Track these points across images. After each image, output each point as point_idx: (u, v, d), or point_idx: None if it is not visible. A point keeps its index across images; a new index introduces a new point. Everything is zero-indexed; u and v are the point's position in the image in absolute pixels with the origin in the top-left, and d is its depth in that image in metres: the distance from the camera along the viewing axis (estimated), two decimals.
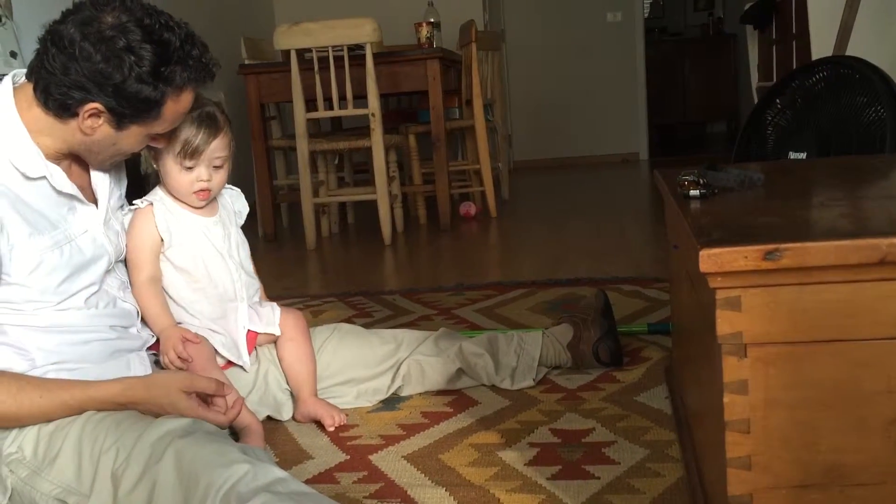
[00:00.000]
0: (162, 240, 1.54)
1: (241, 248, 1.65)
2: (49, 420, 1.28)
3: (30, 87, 1.31)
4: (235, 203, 1.69)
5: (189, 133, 1.49)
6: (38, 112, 1.31)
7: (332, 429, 1.62)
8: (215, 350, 1.59)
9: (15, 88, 1.34)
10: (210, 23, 4.75)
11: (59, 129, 1.32)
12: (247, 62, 4.15)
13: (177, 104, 1.35)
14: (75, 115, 1.29)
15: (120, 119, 1.31)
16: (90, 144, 1.34)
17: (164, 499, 1.12)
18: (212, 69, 1.37)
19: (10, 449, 1.28)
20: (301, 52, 3.68)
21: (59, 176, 1.35)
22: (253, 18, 5.64)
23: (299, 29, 3.60)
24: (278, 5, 5.99)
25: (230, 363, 1.62)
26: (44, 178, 1.33)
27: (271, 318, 1.67)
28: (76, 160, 1.42)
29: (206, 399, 1.38)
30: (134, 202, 1.55)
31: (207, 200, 1.58)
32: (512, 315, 2.36)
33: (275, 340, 1.68)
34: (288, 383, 1.68)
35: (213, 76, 1.39)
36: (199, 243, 1.58)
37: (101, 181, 1.46)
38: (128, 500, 1.16)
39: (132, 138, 1.36)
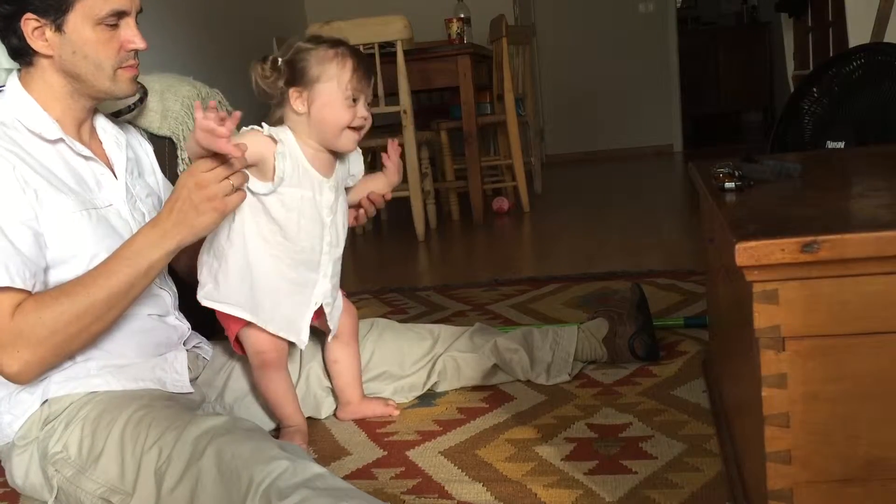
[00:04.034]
0: (274, 178, 1.42)
1: (344, 221, 1.55)
2: (120, 298, 1.31)
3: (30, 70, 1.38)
4: (353, 165, 1.58)
5: (354, 61, 1.43)
6: (35, 78, 1.37)
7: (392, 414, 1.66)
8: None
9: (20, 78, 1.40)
10: (242, 23, 4.80)
11: (46, 79, 1.36)
12: None
13: None
14: (30, 47, 1.33)
15: (53, 17, 1.32)
16: (65, 67, 1.36)
17: (206, 495, 1.13)
18: None
19: (55, 448, 1.31)
20: None
21: (75, 142, 1.40)
22: (284, 18, 5.67)
23: (330, 28, 3.62)
24: (309, 5, 6.02)
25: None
26: (61, 140, 1.37)
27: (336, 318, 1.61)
28: (93, 140, 1.46)
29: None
30: (256, 126, 1.43)
31: (356, 144, 1.48)
32: (546, 310, 2.36)
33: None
34: (332, 383, 1.69)
35: None
36: (305, 202, 1.46)
37: (115, 154, 1.48)
38: (171, 498, 1.18)
39: (87, 36, 1.34)
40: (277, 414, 1.57)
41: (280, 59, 1.43)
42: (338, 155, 1.52)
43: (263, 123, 1.44)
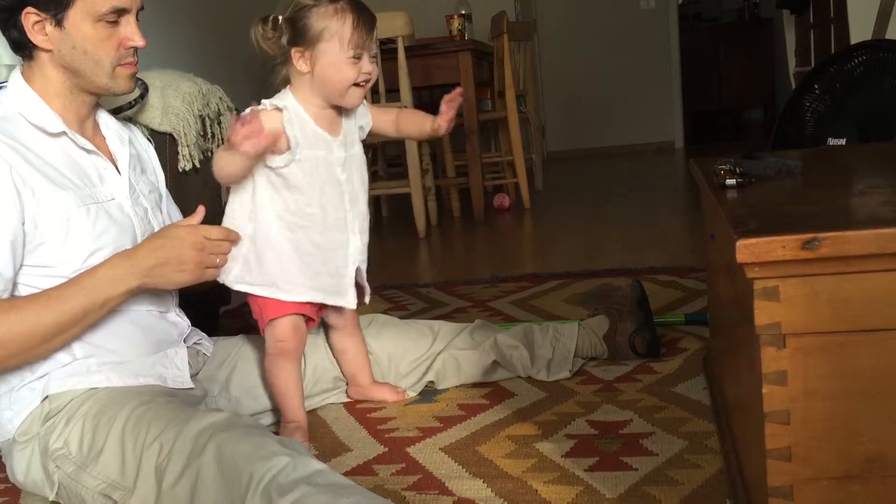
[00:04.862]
0: (288, 147, 1.43)
1: (363, 174, 1.56)
2: (70, 325, 1.30)
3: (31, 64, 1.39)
4: (360, 118, 1.58)
5: (354, 16, 1.41)
6: (35, 73, 1.37)
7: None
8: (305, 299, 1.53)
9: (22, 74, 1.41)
10: (243, 22, 4.79)
11: (46, 73, 1.37)
12: None
13: None
14: (30, 40, 1.34)
15: (53, 12, 1.33)
16: (64, 62, 1.36)
17: (207, 492, 1.14)
18: None
19: (55, 445, 1.31)
20: None
21: (78, 135, 1.40)
22: None
23: None
24: None
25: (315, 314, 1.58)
26: (64, 133, 1.37)
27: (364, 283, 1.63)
28: (96, 135, 1.46)
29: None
30: (255, 105, 1.44)
31: (362, 99, 1.49)
32: (547, 307, 2.36)
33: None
34: (341, 370, 1.71)
35: None
36: (320, 163, 1.47)
37: (118, 150, 1.49)
38: (171, 494, 1.18)
39: (87, 32, 1.35)
40: (282, 406, 1.57)
41: (280, 18, 1.43)
42: (342, 110, 1.53)
43: (263, 101, 1.45)
